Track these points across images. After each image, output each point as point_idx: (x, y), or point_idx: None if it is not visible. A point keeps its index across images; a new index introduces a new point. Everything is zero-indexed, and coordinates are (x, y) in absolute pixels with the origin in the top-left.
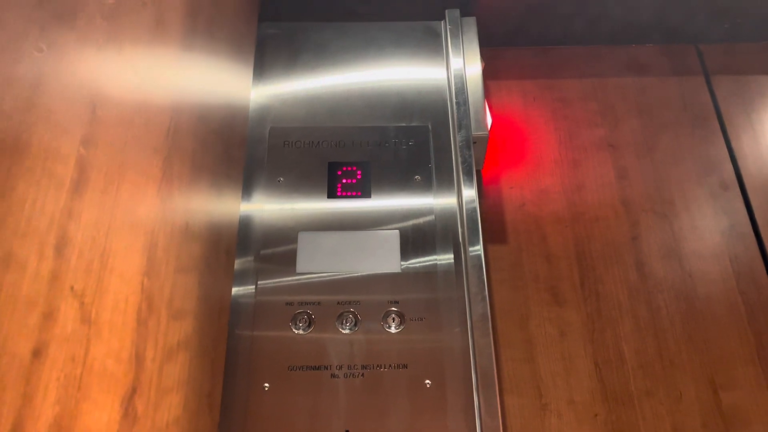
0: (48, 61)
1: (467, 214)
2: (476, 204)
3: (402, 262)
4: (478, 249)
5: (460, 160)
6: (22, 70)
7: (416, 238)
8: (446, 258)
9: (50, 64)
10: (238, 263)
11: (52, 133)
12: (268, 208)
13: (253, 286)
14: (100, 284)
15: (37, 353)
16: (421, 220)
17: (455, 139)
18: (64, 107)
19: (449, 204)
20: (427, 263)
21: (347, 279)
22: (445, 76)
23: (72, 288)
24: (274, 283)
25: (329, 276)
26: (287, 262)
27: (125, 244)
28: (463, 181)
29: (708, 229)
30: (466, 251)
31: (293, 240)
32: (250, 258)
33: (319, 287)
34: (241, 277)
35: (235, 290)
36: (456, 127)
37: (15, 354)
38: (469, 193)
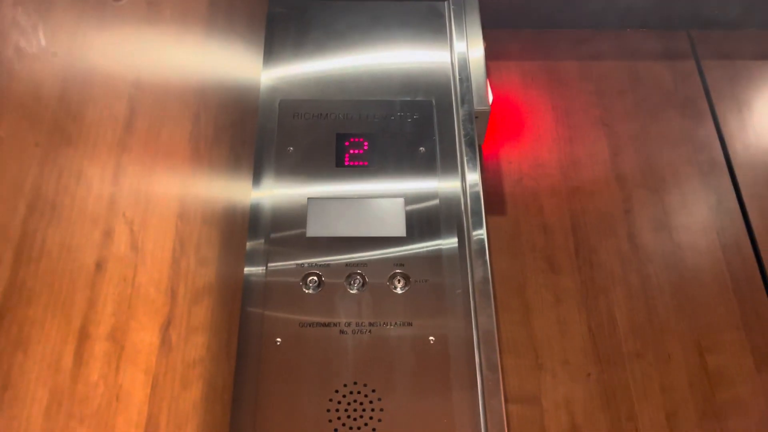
0: (107, 12)
1: (471, 199)
2: (479, 188)
3: (407, 240)
4: (481, 233)
5: (462, 133)
6: (88, 12)
7: (422, 222)
8: (450, 242)
9: (108, 15)
10: (249, 245)
11: (111, 69)
12: (278, 178)
13: (264, 264)
14: (145, 216)
15: (99, 266)
16: (426, 204)
17: (458, 114)
18: (119, 51)
19: (453, 187)
20: (432, 247)
21: (355, 243)
22: (448, 53)
23: (124, 214)
24: (284, 252)
25: (338, 240)
26: (298, 227)
27: (164, 185)
28: (466, 154)
29: (697, 204)
30: (469, 234)
31: (303, 209)
32: (261, 239)
33: (328, 250)
34: (252, 255)
35: (247, 269)
36: (459, 101)
37: (83, 262)
38: (473, 176)
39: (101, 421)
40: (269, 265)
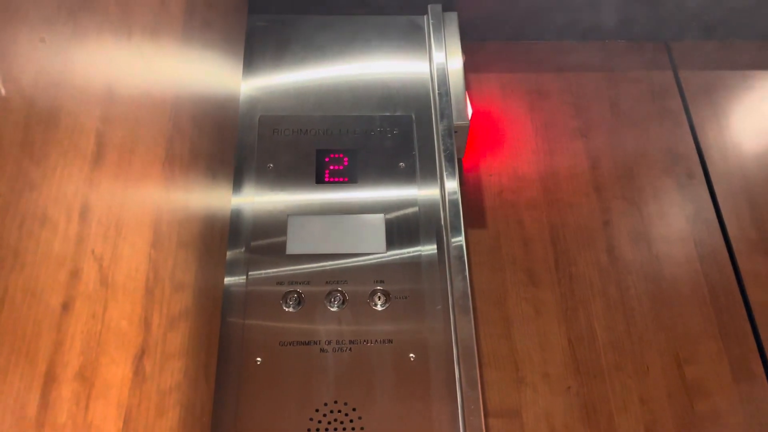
0: (72, 43)
1: (449, 206)
2: (458, 196)
3: (387, 248)
4: (460, 240)
5: (442, 148)
6: (53, 51)
7: (401, 230)
8: (430, 248)
9: (75, 46)
10: (230, 254)
11: (77, 108)
12: (258, 194)
13: (245, 273)
14: (116, 251)
15: (66, 307)
16: (406, 211)
17: (437, 128)
18: (86, 86)
19: (433, 195)
20: (412, 254)
21: (335, 260)
22: (427, 67)
23: (93, 251)
24: (265, 264)
25: (318, 257)
26: (277, 245)
27: (136, 215)
28: (445, 168)
29: (674, 215)
30: (448, 241)
31: (283, 224)
32: (242, 247)
33: (308, 268)
34: (233, 264)
35: (227, 279)
36: (438, 116)
37: (48, 305)
38: (452, 184)
39: None
40: (250, 274)
